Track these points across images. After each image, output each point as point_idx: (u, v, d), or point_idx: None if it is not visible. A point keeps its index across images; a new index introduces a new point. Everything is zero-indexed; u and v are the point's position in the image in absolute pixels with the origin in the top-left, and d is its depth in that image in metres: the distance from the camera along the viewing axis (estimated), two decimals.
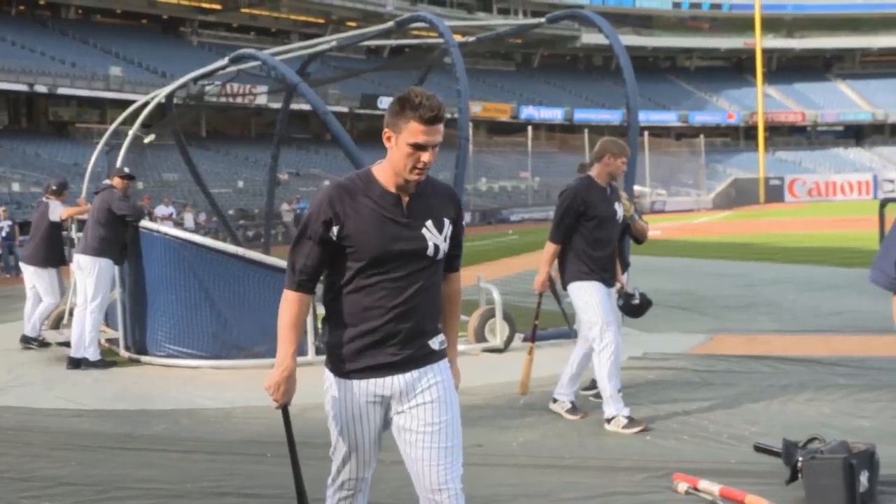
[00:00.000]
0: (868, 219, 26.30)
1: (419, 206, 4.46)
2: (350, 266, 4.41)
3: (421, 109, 4.29)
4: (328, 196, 4.43)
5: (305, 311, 4.57)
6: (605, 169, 8.75)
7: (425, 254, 4.44)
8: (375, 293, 4.40)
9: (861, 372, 10.76)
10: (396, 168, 4.36)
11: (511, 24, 21.81)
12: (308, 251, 4.46)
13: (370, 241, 4.35)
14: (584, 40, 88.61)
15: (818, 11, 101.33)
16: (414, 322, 4.44)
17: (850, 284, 19.55)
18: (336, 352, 4.51)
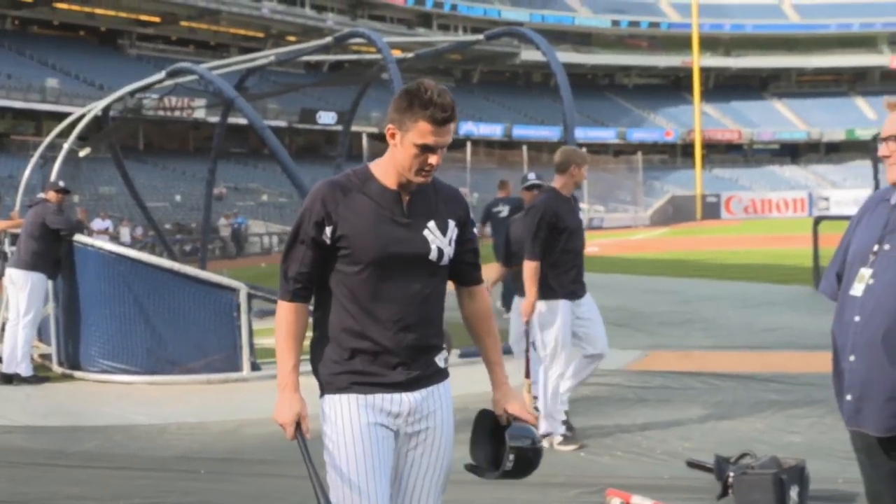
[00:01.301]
0: (803, 236, 26.61)
1: (421, 205, 4.08)
2: (346, 271, 4.01)
3: (432, 108, 3.91)
4: (319, 194, 4.04)
5: (304, 321, 4.17)
6: (571, 180, 8.72)
7: (428, 258, 4.04)
8: (375, 303, 4.00)
9: (793, 388, 10.87)
10: (400, 168, 3.99)
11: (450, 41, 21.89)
12: (301, 256, 4.06)
13: (367, 242, 3.96)
14: (524, 57, 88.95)
15: (755, 31, 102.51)
16: (419, 335, 4.04)
17: (784, 301, 19.75)
18: (331, 368, 4.08)
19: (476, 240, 4.29)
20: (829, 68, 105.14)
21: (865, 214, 4.27)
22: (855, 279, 4.08)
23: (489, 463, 4.16)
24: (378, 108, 66.58)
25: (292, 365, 4.18)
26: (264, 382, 12.10)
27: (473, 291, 4.29)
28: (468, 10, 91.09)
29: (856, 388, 4.01)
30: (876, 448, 4.07)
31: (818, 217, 26.23)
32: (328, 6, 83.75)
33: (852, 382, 4.02)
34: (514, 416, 4.10)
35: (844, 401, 4.07)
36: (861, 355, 3.98)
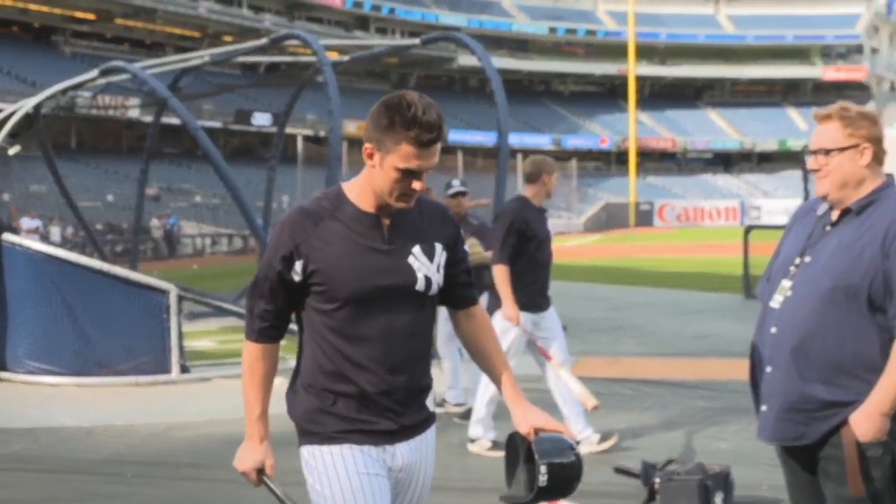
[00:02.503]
0: (734, 245, 26.85)
1: (403, 228, 3.62)
2: (323, 309, 3.56)
3: (416, 129, 3.45)
4: (287, 224, 3.59)
5: (272, 363, 3.72)
6: (542, 189, 8.69)
7: (414, 289, 3.59)
8: (358, 343, 3.54)
9: (721, 395, 10.99)
10: (379, 191, 3.55)
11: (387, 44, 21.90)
12: (268, 293, 3.61)
13: (344, 276, 3.50)
14: (461, 62, 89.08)
15: (690, 41, 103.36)
16: (410, 377, 3.61)
17: (714, 309, 19.94)
18: (312, 416, 3.62)
19: (468, 258, 3.86)
20: (762, 79, 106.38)
21: (795, 223, 4.31)
22: (777, 291, 4.11)
23: (527, 488, 3.63)
24: (313, 111, 66.44)
25: (259, 413, 3.75)
26: (193, 385, 12.06)
27: (471, 312, 3.85)
28: (406, 14, 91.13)
29: (769, 399, 4.06)
30: (793, 457, 4.12)
31: (749, 226, 26.48)
32: (265, 7, 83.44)
33: (769, 393, 4.06)
34: (540, 429, 3.65)
35: (760, 412, 4.11)
36: (776, 367, 4.02)
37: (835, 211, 4.09)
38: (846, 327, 3.91)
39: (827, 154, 4.02)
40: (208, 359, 13.82)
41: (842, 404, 3.91)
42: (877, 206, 4.00)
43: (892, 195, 4.04)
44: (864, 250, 3.92)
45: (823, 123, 4.09)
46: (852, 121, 4.03)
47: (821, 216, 4.16)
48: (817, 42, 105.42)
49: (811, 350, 3.94)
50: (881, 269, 3.88)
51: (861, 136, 4.02)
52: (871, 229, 3.94)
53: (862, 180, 4.04)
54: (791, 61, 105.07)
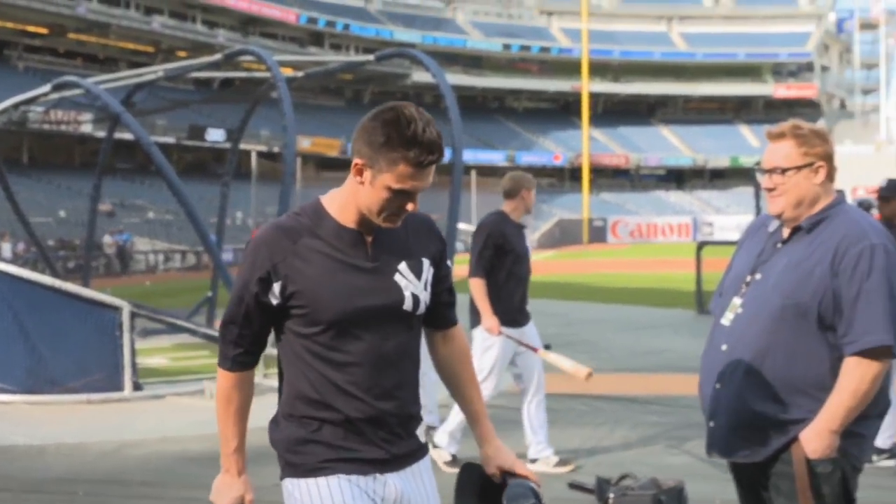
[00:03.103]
0: (687, 261, 26.99)
1: (388, 244, 3.37)
2: (304, 333, 3.30)
3: (416, 149, 3.18)
4: (263, 243, 3.31)
5: (248, 392, 3.49)
6: (522, 204, 8.65)
7: (402, 309, 3.34)
8: (343, 369, 3.29)
9: (674, 410, 11.04)
10: (365, 208, 3.29)
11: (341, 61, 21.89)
12: (243, 318, 3.36)
13: (326, 297, 3.25)
14: (415, 78, 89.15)
15: (643, 58, 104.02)
16: (399, 404, 3.36)
17: (667, 324, 20.04)
18: (297, 447, 3.36)
19: (451, 275, 3.61)
20: (714, 96, 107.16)
21: (747, 239, 4.33)
22: (727, 308, 4.13)
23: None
24: (267, 127, 66.28)
25: (235, 445, 3.50)
26: (146, 402, 11.97)
27: (449, 334, 3.61)
28: (360, 31, 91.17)
29: (718, 415, 4.08)
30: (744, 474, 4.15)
31: (702, 242, 26.67)
32: (219, 23, 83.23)
33: (717, 409, 4.08)
34: (510, 474, 3.46)
35: (708, 427, 4.13)
36: (725, 384, 4.04)
37: (786, 228, 4.11)
38: (796, 345, 3.93)
39: (783, 173, 4.03)
40: (161, 376, 13.75)
41: (792, 422, 3.94)
42: (827, 224, 4.02)
43: (843, 212, 4.06)
44: (814, 269, 3.93)
45: (777, 142, 4.09)
46: (806, 139, 4.04)
47: (772, 233, 4.18)
48: (769, 60, 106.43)
49: (762, 368, 3.96)
50: (831, 288, 3.90)
51: (815, 155, 4.04)
52: (820, 247, 3.96)
53: (816, 198, 4.06)
54: (743, 79, 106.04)
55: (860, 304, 3.87)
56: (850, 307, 3.88)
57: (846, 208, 4.09)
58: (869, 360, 3.88)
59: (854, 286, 3.88)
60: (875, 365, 3.89)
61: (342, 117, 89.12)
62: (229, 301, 3.42)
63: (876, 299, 3.87)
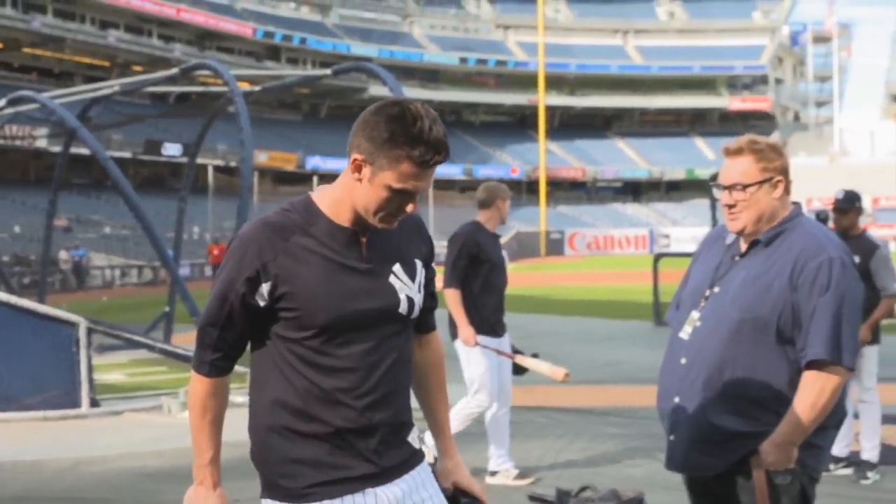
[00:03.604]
0: (644, 272, 27.09)
1: (382, 244, 3.20)
2: (292, 337, 3.10)
3: (422, 147, 3.01)
4: (251, 240, 3.11)
5: (224, 399, 3.29)
6: (497, 213, 8.61)
7: (397, 312, 3.18)
8: (333, 375, 3.09)
9: (633, 421, 11.08)
10: (360, 207, 3.10)
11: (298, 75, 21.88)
12: (224, 320, 3.14)
13: (319, 300, 3.06)
14: (372, 92, 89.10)
15: (600, 72, 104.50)
16: (392, 412, 3.16)
17: (625, 336, 20.12)
18: (281, 468, 3.15)
19: (435, 279, 3.45)
20: (670, 109, 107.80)
21: (703, 251, 4.33)
22: (686, 321, 4.14)
23: None
24: (224, 141, 66.06)
25: (211, 456, 3.27)
26: (104, 419, 11.89)
27: (428, 339, 3.50)
28: (317, 45, 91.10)
29: (678, 429, 4.08)
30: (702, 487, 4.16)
31: (658, 254, 26.81)
32: (176, 37, 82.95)
33: (676, 423, 4.08)
34: (463, 492, 3.39)
35: (669, 441, 4.13)
36: (684, 398, 4.04)
37: (743, 242, 4.12)
38: (755, 359, 3.95)
39: (744, 189, 4.02)
40: (119, 392, 13.66)
41: (752, 435, 3.94)
42: (785, 237, 4.03)
43: (800, 225, 4.08)
44: (772, 283, 3.95)
45: (735, 158, 4.07)
46: (764, 154, 4.04)
47: (729, 245, 4.18)
48: (723, 73, 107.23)
49: (721, 382, 3.96)
50: (790, 302, 3.91)
51: (774, 169, 4.04)
52: (779, 261, 3.98)
53: (775, 212, 4.06)
54: (698, 92, 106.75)
55: (819, 319, 3.89)
56: (808, 321, 3.90)
57: (803, 221, 4.11)
58: (828, 374, 3.91)
59: (813, 300, 3.89)
60: (834, 379, 3.92)
61: (299, 131, 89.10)
62: (209, 302, 3.17)
63: (835, 314, 3.90)
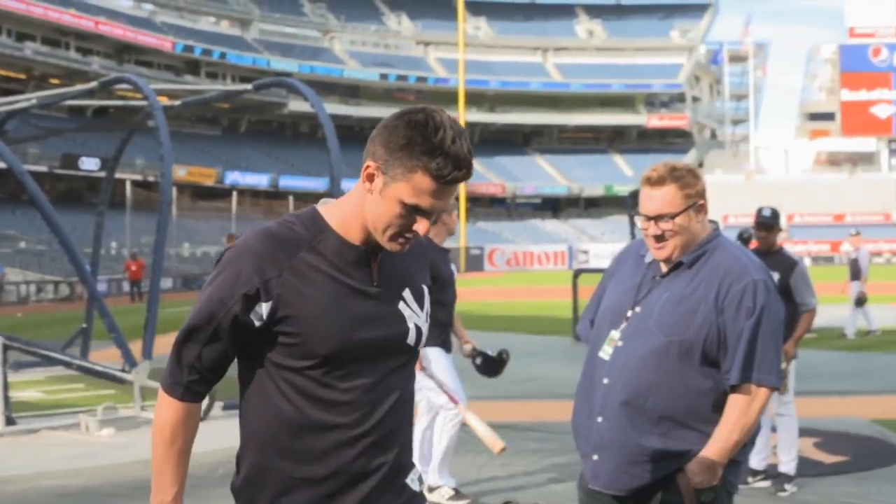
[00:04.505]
0: (563, 288, 27.23)
1: (393, 268, 2.90)
2: (289, 366, 2.76)
3: (441, 158, 2.68)
4: (252, 253, 2.76)
5: (195, 428, 2.90)
6: (444, 228, 8.58)
7: (405, 342, 2.87)
8: (333, 410, 2.76)
9: (553, 436, 11.15)
10: (370, 223, 2.78)
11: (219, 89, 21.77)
12: (209, 339, 2.78)
13: (324, 327, 2.73)
14: (292, 107, 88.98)
15: (519, 89, 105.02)
16: (394, 454, 2.85)
17: (545, 351, 20.20)
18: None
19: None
20: (589, 126, 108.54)
21: (618, 267, 4.35)
22: (605, 341, 4.15)
23: None
24: (142, 155, 65.53)
25: (175, 493, 2.90)
26: (20, 437, 11.73)
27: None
28: (237, 59, 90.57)
29: (602, 449, 4.09)
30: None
31: (578, 270, 26.96)
32: (94, 50, 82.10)
33: (600, 443, 4.10)
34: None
35: (591, 460, 4.13)
36: (608, 418, 4.06)
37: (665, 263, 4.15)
38: (680, 381, 3.99)
39: (672, 219, 4.03)
40: (36, 410, 13.48)
41: (677, 454, 4.00)
42: (707, 258, 4.08)
43: (721, 246, 4.13)
44: (698, 305, 3.99)
45: (658, 188, 4.06)
46: (686, 180, 4.06)
47: (649, 265, 4.20)
48: (642, 91, 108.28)
49: (646, 403, 4.00)
50: (716, 325, 3.97)
51: (696, 194, 4.08)
52: (703, 283, 4.02)
53: (698, 235, 4.11)
54: (616, 109, 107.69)
55: (744, 342, 3.95)
56: (734, 344, 3.96)
57: (723, 242, 4.17)
58: (753, 395, 3.99)
59: (739, 323, 3.96)
60: (760, 399, 4.00)
61: (218, 146, 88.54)
62: (193, 316, 2.81)
63: (760, 336, 3.97)
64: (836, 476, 9.51)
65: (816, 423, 11.56)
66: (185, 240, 68.28)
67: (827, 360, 17.95)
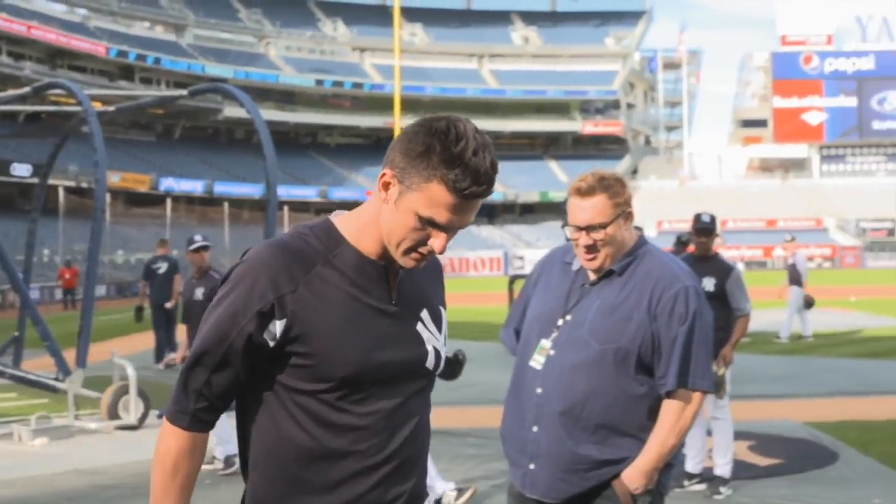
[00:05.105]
0: (498, 294, 27.32)
1: (411, 285, 2.73)
2: (303, 389, 2.57)
3: (459, 170, 2.49)
4: (265, 266, 2.57)
5: (200, 460, 2.67)
6: None
7: (424, 366, 2.71)
8: (348, 436, 2.57)
9: (490, 442, 11.14)
10: (385, 235, 2.60)
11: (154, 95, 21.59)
12: (220, 363, 2.57)
13: (342, 348, 2.54)
14: (227, 113, 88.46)
15: (455, 95, 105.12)
16: (411, 485, 2.67)
17: (481, 357, 20.18)
18: None
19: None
20: (524, 132, 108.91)
21: (543, 273, 4.35)
22: (535, 350, 4.15)
23: None
24: (75, 161, 64.86)
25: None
26: None
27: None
28: (172, 65, 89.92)
29: (539, 458, 4.10)
30: None
31: (513, 276, 27.06)
32: (26, 55, 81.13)
33: (536, 452, 4.10)
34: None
35: (527, 469, 4.13)
36: (544, 427, 4.07)
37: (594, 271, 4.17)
38: (615, 388, 4.01)
39: (604, 228, 4.04)
40: None
41: (614, 461, 4.03)
42: (637, 265, 4.11)
43: (649, 253, 4.16)
44: (632, 313, 4.02)
45: (588, 198, 4.07)
46: (615, 189, 4.08)
47: (577, 272, 4.21)
48: (577, 97, 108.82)
49: (582, 412, 4.02)
50: (650, 331, 4.00)
51: (625, 202, 4.10)
52: (635, 291, 4.05)
53: (627, 243, 4.14)
54: (552, 116, 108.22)
55: (679, 347, 4.00)
56: (668, 350, 4.01)
57: (651, 249, 4.20)
58: (687, 400, 4.04)
59: (673, 329, 4.00)
60: (694, 405, 4.06)
61: (152, 152, 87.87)
62: (202, 338, 2.61)
63: (693, 342, 4.02)
64: (770, 478, 9.61)
65: (751, 427, 11.69)
66: (119, 247, 67.68)
67: (761, 364, 18.13)
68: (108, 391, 12.67)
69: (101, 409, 12.60)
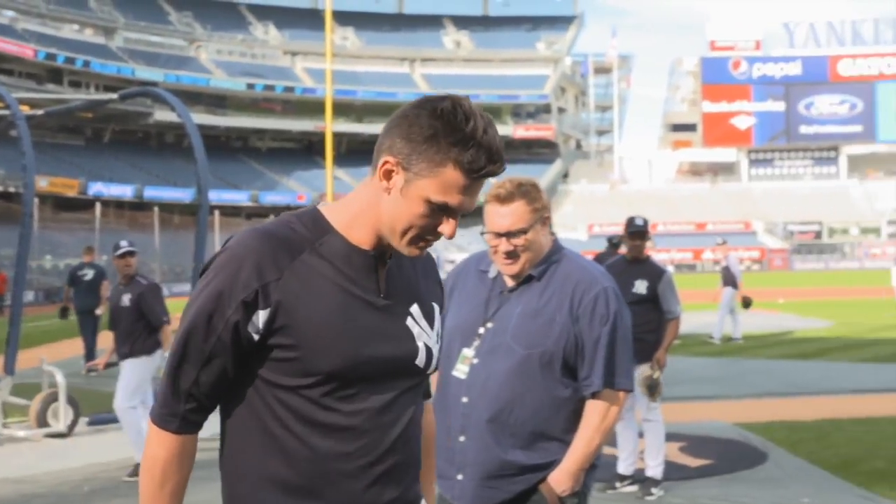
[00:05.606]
0: None
1: (400, 277, 2.60)
2: (285, 385, 2.43)
3: (472, 150, 2.41)
4: (250, 252, 2.42)
5: (191, 465, 2.52)
6: None
7: (413, 364, 2.55)
8: (335, 436, 2.43)
9: None
10: (387, 225, 2.48)
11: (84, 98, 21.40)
12: (207, 359, 2.42)
13: (328, 339, 2.40)
14: (158, 117, 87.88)
15: (386, 99, 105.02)
16: (402, 489, 2.53)
17: None
18: None
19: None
20: None
21: (458, 283, 4.35)
22: (457, 359, 4.13)
23: None
24: (3, 166, 64.14)
25: None
26: None
27: (426, 407, 2.87)
28: (101, 68, 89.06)
29: (466, 468, 4.08)
30: None
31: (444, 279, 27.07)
32: None
33: (464, 462, 4.08)
34: None
35: (455, 481, 4.10)
36: (471, 436, 4.06)
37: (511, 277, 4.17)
38: (541, 393, 4.02)
39: (524, 234, 4.05)
40: None
41: (542, 466, 4.04)
42: (555, 269, 4.13)
43: (566, 257, 4.18)
44: (554, 316, 4.03)
45: (507, 204, 4.08)
46: (532, 195, 4.09)
47: (493, 279, 4.22)
48: (508, 102, 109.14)
49: (508, 419, 4.02)
50: (573, 333, 4.02)
51: (543, 208, 4.11)
52: (556, 294, 4.07)
53: (544, 248, 4.16)
54: None
55: (602, 348, 4.03)
56: (591, 351, 4.03)
57: (568, 253, 4.22)
58: (610, 401, 4.07)
59: (595, 330, 4.03)
60: (617, 404, 4.09)
61: (81, 156, 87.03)
62: (182, 335, 2.46)
63: (614, 342, 4.05)
64: (701, 479, 9.68)
65: (682, 428, 11.78)
66: (48, 252, 66.89)
67: (691, 365, 18.28)
68: (36, 398, 12.49)
69: (30, 416, 12.43)
